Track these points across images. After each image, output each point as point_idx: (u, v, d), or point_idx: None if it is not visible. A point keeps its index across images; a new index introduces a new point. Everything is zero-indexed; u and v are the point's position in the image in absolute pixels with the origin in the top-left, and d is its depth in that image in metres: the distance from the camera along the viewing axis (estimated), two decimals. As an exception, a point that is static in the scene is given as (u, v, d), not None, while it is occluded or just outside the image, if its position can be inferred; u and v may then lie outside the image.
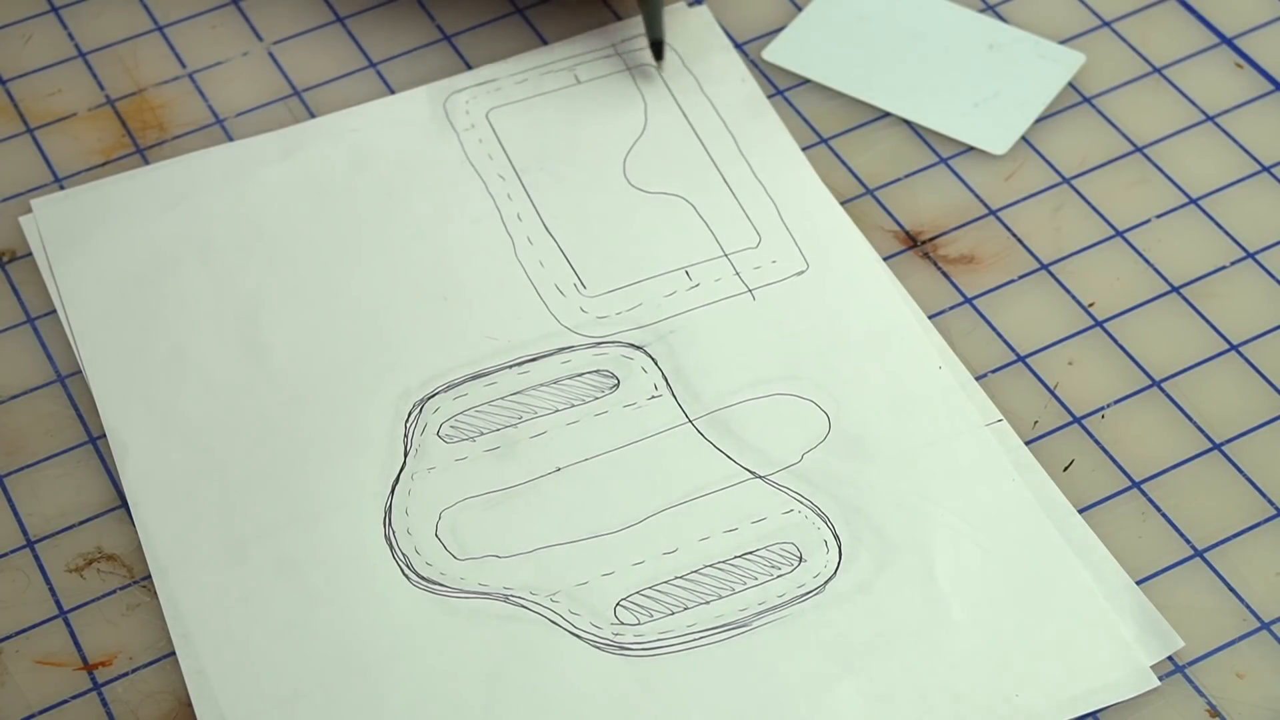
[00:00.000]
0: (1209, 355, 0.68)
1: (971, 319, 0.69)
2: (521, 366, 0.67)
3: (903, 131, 0.74)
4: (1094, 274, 0.70)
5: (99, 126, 0.75)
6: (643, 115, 0.74)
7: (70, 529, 0.64)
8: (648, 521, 0.63)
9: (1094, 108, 0.75)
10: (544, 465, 0.65)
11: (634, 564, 0.62)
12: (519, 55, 0.76)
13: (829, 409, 0.66)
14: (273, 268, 0.70)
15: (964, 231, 0.71)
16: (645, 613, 0.61)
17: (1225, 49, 0.76)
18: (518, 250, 0.70)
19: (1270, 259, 0.70)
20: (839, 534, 0.63)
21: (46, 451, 0.66)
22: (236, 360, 0.67)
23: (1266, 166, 0.73)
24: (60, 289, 0.69)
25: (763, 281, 0.69)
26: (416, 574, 0.62)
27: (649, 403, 0.66)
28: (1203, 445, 0.66)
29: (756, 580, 0.62)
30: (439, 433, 0.65)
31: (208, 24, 0.78)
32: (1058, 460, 0.65)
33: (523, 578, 0.62)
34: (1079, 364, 0.68)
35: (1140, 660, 0.60)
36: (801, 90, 0.75)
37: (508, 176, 0.72)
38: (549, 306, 0.69)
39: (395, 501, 0.64)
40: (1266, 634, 0.61)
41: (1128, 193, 0.72)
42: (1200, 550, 0.63)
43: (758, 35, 0.77)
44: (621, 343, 0.68)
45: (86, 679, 0.61)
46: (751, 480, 0.64)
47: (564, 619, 0.61)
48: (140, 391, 0.67)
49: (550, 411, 0.66)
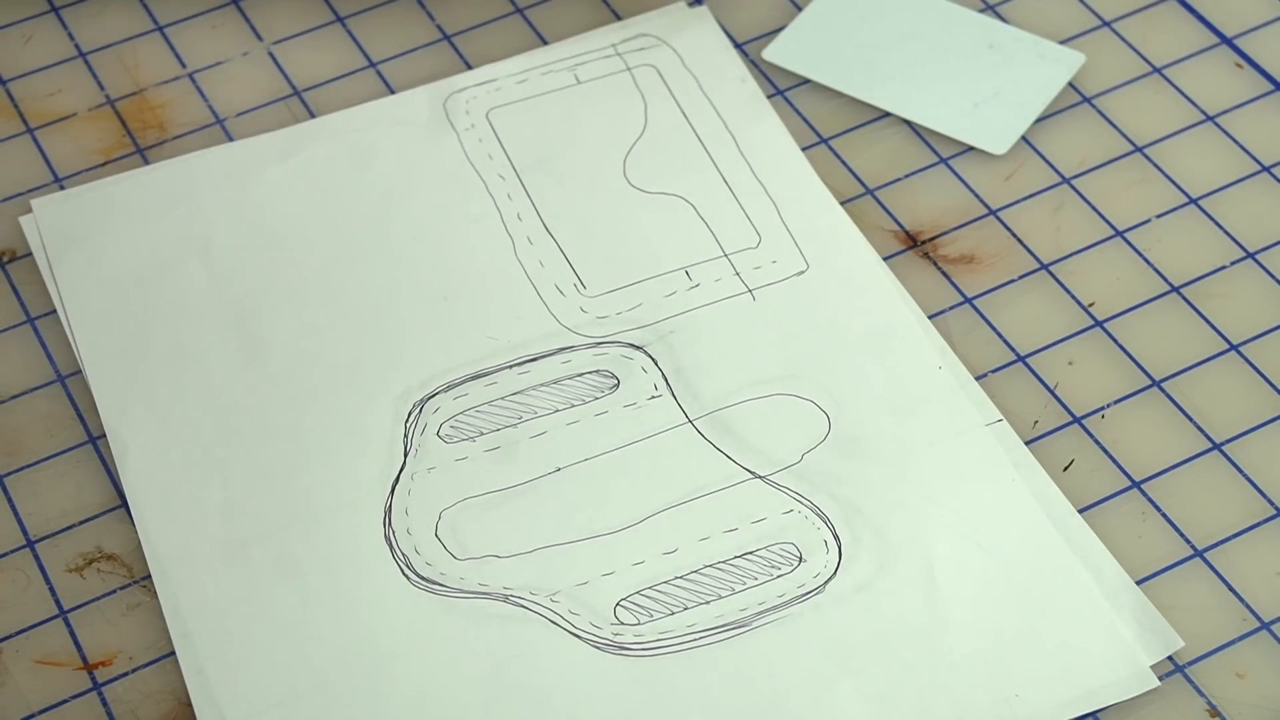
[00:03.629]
0: (1209, 355, 0.68)
1: (971, 319, 0.69)
2: (521, 366, 0.67)
3: (903, 131, 0.74)
4: (1094, 274, 0.70)
5: (99, 126, 0.75)
6: (643, 115, 0.74)
7: (70, 529, 0.64)
8: (648, 521, 0.63)
9: (1094, 108, 0.75)
10: (544, 465, 0.65)
11: (634, 564, 0.62)
12: (519, 55, 0.76)
13: (829, 409, 0.66)
14: (273, 268, 0.70)
15: (964, 231, 0.71)
16: (645, 613, 0.61)
17: (1225, 49, 0.76)
18: (518, 250, 0.70)
19: (1270, 259, 0.70)
20: (839, 534, 0.63)
21: (46, 451, 0.66)
22: (237, 360, 0.67)
23: (1266, 166, 0.73)
24: (60, 289, 0.69)
25: (763, 282, 0.69)
26: (416, 574, 0.62)
27: (649, 403, 0.66)
28: (1203, 445, 0.66)
29: (756, 580, 0.62)
30: (439, 433, 0.65)
31: (208, 24, 0.78)
32: (1058, 460, 0.65)
33: (523, 578, 0.62)
34: (1079, 364, 0.68)
35: (1140, 660, 0.60)
36: (801, 90, 0.75)
37: (508, 176, 0.72)
38: (549, 306, 0.69)
39: (395, 501, 0.64)
40: (1266, 634, 0.61)
41: (1128, 193, 0.72)
42: (1200, 550, 0.63)
43: (758, 35, 0.77)
44: (621, 343, 0.68)
45: (86, 679, 0.61)
46: (751, 480, 0.64)
47: (564, 619, 0.61)
48: (140, 392, 0.67)
49: (550, 411, 0.66)
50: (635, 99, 0.74)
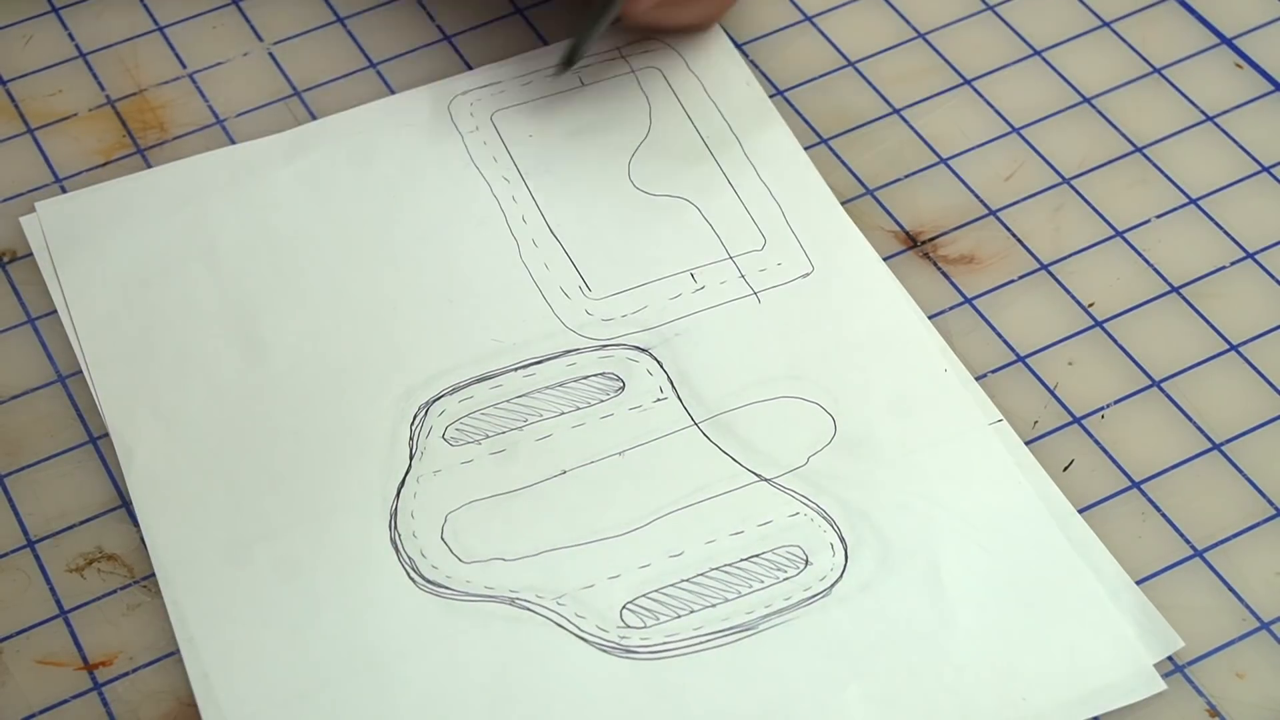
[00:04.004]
0: (1209, 355, 0.68)
1: (971, 319, 0.69)
2: (527, 369, 0.67)
3: (903, 131, 0.74)
4: (1094, 274, 0.70)
5: (99, 127, 0.74)
6: (647, 118, 0.74)
7: (70, 529, 0.64)
8: (653, 524, 0.63)
9: (1094, 108, 0.75)
10: (549, 468, 0.65)
11: (640, 567, 0.62)
12: (522, 56, 0.76)
13: (834, 411, 0.66)
14: (277, 270, 0.70)
15: (964, 231, 0.71)
16: (651, 615, 0.61)
17: (1225, 49, 0.76)
18: (523, 253, 0.70)
19: (1270, 259, 0.70)
20: (844, 536, 0.63)
21: (46, 451, 0.66)
22: (241, 363, 0.67)
23: (1266, 166, 0.73)
24: (65, 291, 0.69)
25: (768, 284, 0.69)
26: (422, 577, 0.62)
27: (654, 405, 0.66)
28: (1203, 445, 0.66)
29: (763, 583, 0.62)
30: (444, 435, 0.65)
31: (208, 24, 0.78)
32: (1058, 460, 0.65)
33: (528, 580, 0.62)
34: (1079, 364, 0.68)
35: (1146, 662, 0.60)
36: (802, 90, 0.76)
37: (512, 179, 0.72)
38: (554, 309, 0.69)
39: (401, 504, 0.64)
40: (1266, 634, 0.62)
41: (1128, 193, 0.72)
42: (1200, 550, 0.63)
43: (758, 35, 0.77)
44: (627, 345, 0.68)
45: (87, 679, 0.61)
46: (757, 483, 0.64)
47: (570, 622, 0.61)
48: (145, 394, 0.67)
49: (555, 414, 0.66)
50: (640, 102, 0.74)
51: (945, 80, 0.76)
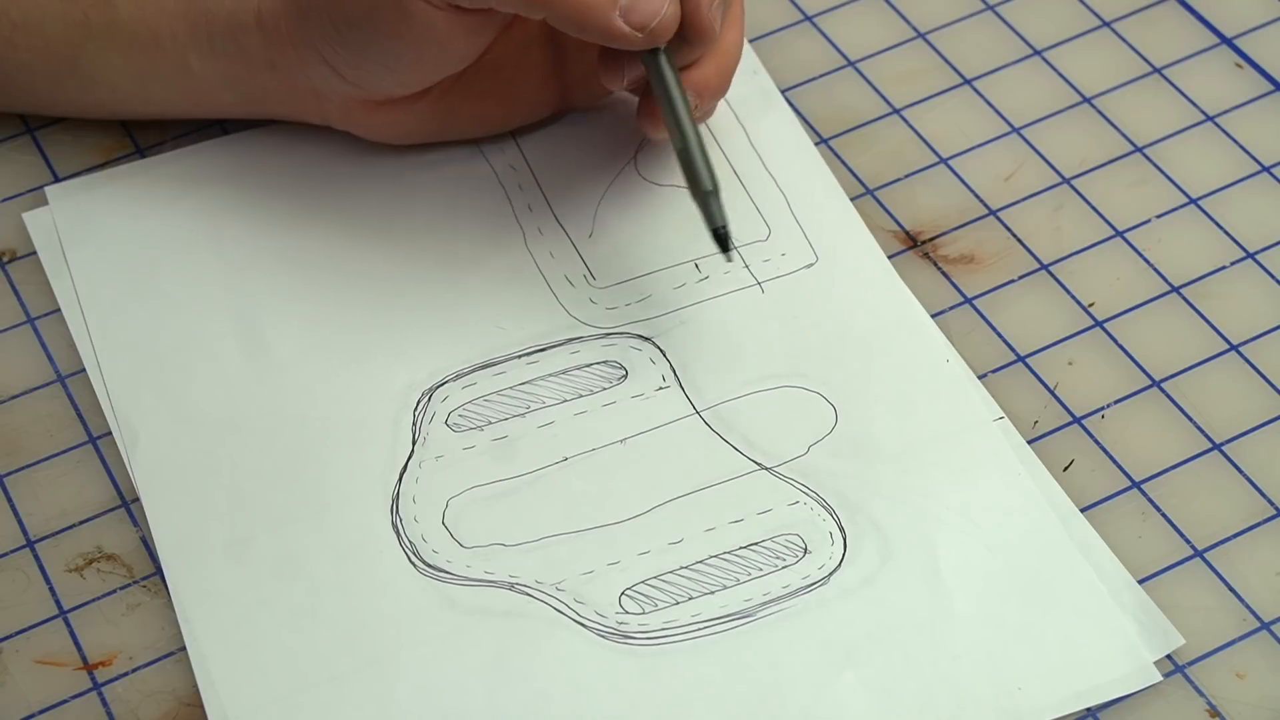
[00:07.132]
0: (1209, 355, 0.68)
1: (971, 319, 0.69)
2: (530, 356, 0.67)
3: (903, 131, 0.74)
4: (1094, 274, 0.70)
5: (99, 126, 0.74)
6: (653, 108, 0.74)
7: (70, 529, 0.64)
8: (654, 512, 0.63)
9: (1094, 108, 0.75)
10: (551, 455, 0.65)
11: (640, 554, 0.62)
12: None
13: (836, 402, 0.66)
14: (282, 258, 0.70)
15: (964, 231, 0.71)
16: (650, 603, 0.61)
17: (1225, 49, 0.77)
18: (528, 241, 0.70)
19: (1270, 259, 0.70)
20: (844, 527, 0.63)
21: (46, 451, 0.66)
22: (246, 350, 0.67)
23: (1266, 166, 0.73)
24: (74, 277, 0.69)
25: (772, 274, 0.69)
26: (423, 562, 0.62)
27: (657, 394, 0.66)
28: (1203, 445, 0.66)
29: (761, 572, 0.62)
30: (447, 421, 0.65)
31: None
32: (1058, 460, 0.65)
33: (528, 567, 0.62)
34: (1079, 364, 0.68)
35: (1143, 655, 0.60)
36: (802, 90, 0.76)
37: (519, 167, 0.72)
38: (558, 297, 0.69)
39: (403, 490, 0.64)
40: (1266, 634, 0.61)
41: (1128, 193, 0.72)
42: (1200, 550, 0.63)
43: (759, 35, 0.77)
44: (630, 334, 0.68)
45: (86, 679, 0.61)
46: (758, 472, 0.64)
47: (569, 608, 0.61)
48: (151, 381, 0.67)
49: (558, 402, 0.66)
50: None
51: (945, 80, 0.76)
